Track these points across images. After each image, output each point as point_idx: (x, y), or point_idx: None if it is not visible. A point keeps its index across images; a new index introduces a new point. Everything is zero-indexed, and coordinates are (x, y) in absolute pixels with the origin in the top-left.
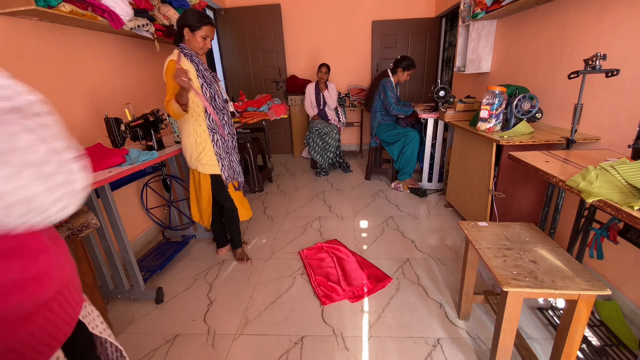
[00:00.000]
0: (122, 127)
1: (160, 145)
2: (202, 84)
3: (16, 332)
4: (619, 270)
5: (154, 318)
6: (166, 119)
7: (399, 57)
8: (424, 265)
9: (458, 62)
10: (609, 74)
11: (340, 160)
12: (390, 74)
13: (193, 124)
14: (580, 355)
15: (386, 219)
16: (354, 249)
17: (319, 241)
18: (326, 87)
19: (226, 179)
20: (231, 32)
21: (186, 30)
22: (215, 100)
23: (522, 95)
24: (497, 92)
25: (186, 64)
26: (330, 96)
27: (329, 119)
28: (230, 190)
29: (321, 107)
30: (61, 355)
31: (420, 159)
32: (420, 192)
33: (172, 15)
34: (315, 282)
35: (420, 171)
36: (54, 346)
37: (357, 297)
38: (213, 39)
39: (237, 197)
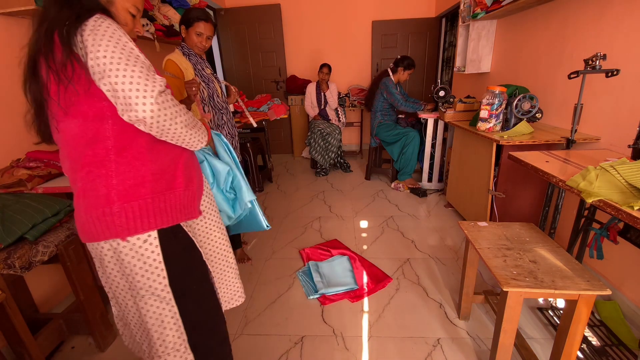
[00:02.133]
0: None
1: None
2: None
3: None
4: (619, 270)
5: None
6: None
7: (399, 56)
8: (424, 265)
9: (458, 62)
10: (609, 74)
11: (341, 160)
12: (390, 74)
13: None
14: (580, 355)
15: (386, 219)
16: (354, 249)
17: (319, 241)
18: (327, 87)
19: None
20: (231, 32)
21: (182, 28)
22: (213, 99)
23: (522, 95)
24: (497, 92)
25: (184, 62)
26: (332, 96)
27: (330, 119)
28: None
29: (322, 107)
30: None
31: (420, 159)
32: (420, 192)
33: (172, 15)
34: None
35: (420, 171)
36: None
37: (357, 297)
38: (211, 36)
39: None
